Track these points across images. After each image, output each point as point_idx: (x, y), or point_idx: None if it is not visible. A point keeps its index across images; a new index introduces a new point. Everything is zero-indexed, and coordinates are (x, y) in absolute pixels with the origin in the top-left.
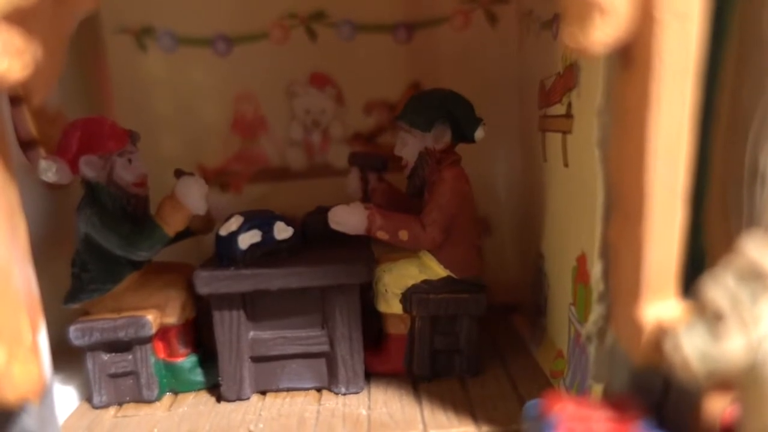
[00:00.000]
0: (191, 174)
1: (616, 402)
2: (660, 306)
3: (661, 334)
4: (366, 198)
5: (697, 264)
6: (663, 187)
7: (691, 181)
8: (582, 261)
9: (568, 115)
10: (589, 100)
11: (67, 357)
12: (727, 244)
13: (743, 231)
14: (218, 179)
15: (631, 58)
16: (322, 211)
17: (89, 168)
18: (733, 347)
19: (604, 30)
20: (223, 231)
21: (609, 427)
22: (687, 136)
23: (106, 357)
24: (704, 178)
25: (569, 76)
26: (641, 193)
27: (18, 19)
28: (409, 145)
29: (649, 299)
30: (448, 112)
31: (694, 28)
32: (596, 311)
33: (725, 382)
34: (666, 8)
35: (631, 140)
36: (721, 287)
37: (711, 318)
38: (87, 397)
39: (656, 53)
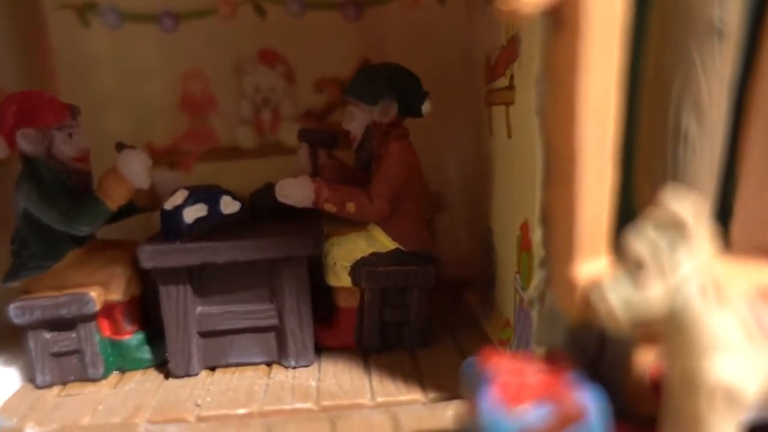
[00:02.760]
0: (133, 147)
1: (550, 357)
2: (593, 264)
3: (591, 288)
4: (316, 174)
5: (628, 222)
6: (593, 148)
7: (620, 142)
8: (525, 229)
9: (511, 87)
10: (529, 70)
11: (8, 336)
12: (655, 200)
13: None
14: (167, 158)
15: (561, 20)
16: (270, 187)
17: (27, 142)
18: (654, 294)
19: None
20: (168, 205)
21: (541, 379)
22: (615, 98)
23: (48, 335)
24: (632, 139)
25: (511, 48)
26: (573, 155)
27: None
28: (356, 119)
29: (582, 258)
30: (394, 85)
31: None
32: (538, 276)
33: (652, 335)
34: None
35: (563, 103)
36: (641, 238)
37: (633, 268)
38: (30, 378)
39: (583, 17)
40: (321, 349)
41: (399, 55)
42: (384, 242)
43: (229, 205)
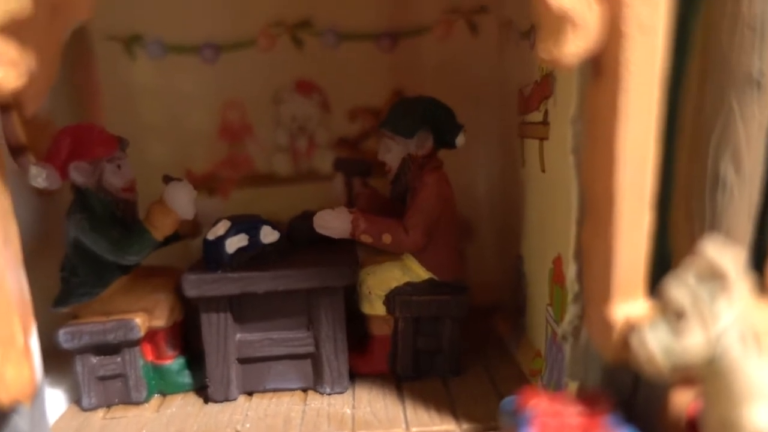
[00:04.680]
0: (179, 179)
1: (587, 397)
2: (629, 305)
3: (629, 331)
4: (351, 203)
5: (664, 266)
6: (631, 192)
7: (657, 187)
8: (558, 263)
9: (545, 123)
10: (563, 109)
11: (56, 360)
12: (692, 246)
13: (706, 233)
14: (206, 184)
15: (601, 69)
16: (308, 216)
17: (79, 174)
18: (694, 342)
19: (575, 43)
20: (211, 235)
21: (580, 421)
22: (653, 144)
23: (94, 360)
24: (670, 184)
25: (545, 84)
26: (610, 199)
27: (13, 30)
28: (392, 152)
29: (618, 299)
30: (430, 119)
31: (658, 41)
32: (571, 311)
33: (689, 377)
34: (632, 23)
35: (601, 148)
36: (682, 287)
37: (673, 315)
38: (76, 400)
39: (623, 65)
40: (355, 376)
41: (432, 86)
42: (418, 272)
43: (268, 235)
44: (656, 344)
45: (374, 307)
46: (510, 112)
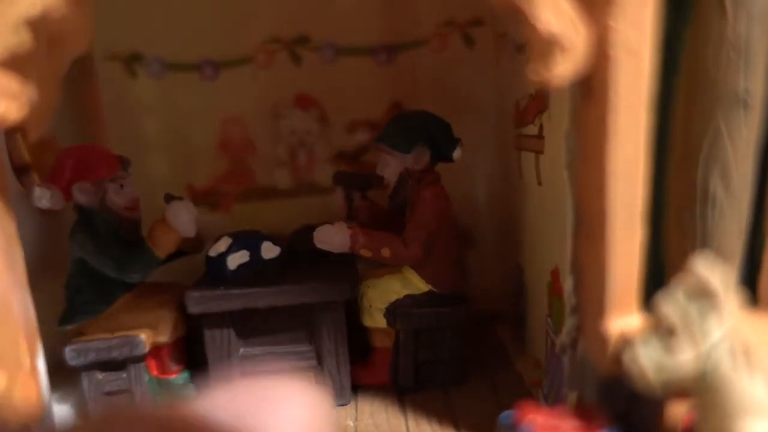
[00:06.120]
0: (180, 198)
1: (584, 412)
2: (624, 320)
3: (623, 346)
4: (351, 216)
5: (659, 280)
6: (623, 209)
7: (649, 203)
8: (555, 275)
9: (540, 136)
10: (558, 124)
11: (62, 376)
12: (685, 260)
13: (698, 249)
14: (207, 199)
15: (590, 90)
16: (308, 230)
17: (82, 194)
18: (685, 359)
19: (563, 65)
20: (213, 252)
21: None
22: (643, 162)
23: (101, 376)
24: (662, 199)
25: (540, 98)
26: (603, 215)
27: (13, 64)
28: (390, 166)
29: (613, 313)
30: (427, 133)
31: (645, 64)
32: (569, 323)
33: (683, 390)
34: (619, 46)
35: (592, 165)
36: (673, 304)
37: (665, 332)
38: (82, 415)
39: (612, 87)
40: (357, 388)
41: (429, 98)
42: (418, 285)
43: (269, 251)
44: (648, 361)
45: (375, 319)
46: (508, 123)
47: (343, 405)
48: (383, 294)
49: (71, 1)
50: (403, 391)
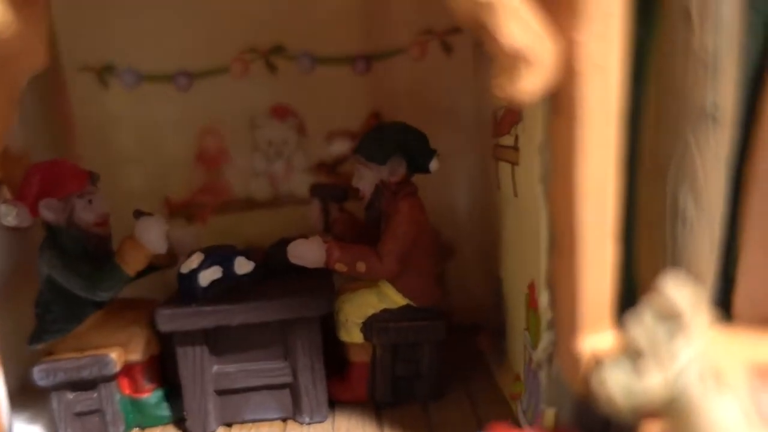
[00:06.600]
0: (150, 214)
1: (559, 430)
2: (596, 338)
3: (594, 366)
4: (327, 228)
5: (632, 297)
6: (593, 225)
7: (621, 220)
8: (532, 288)
9: (515, 148)
10: (531, 136)
11: (32, 396)
12: (657, 278)
13: (669, 266)
14: (184, 211)
15: (558, 106)
16: (285, 243)
17: (49, 211)
18: (653, 383)
19: (529, 80)
20: (185, 269)
21: None
22: (613, 177)
23: (71, 396)
24: (634, 215)
25: (515, 109)
26: (573, 231)
27: None
28: (365, 178)
29: (585, 331)
30: (402, 145)
31: (613, 78)
32: (545, 338)
33: (655, 412)
34: (586, 61)
35: (563, 180)
36: (640, 326)
37: (633, 355)
38: None
39: (579, 103)
40: (334, 403)
41: (408, 107)
42: (394, 298)
43: (243, 266)
44: (616, 385)
45: (351, 334)
46: (487, 132)
47: (320, 422)
48: (359, 308)
49: (23, 19)
50: (381, 406)
